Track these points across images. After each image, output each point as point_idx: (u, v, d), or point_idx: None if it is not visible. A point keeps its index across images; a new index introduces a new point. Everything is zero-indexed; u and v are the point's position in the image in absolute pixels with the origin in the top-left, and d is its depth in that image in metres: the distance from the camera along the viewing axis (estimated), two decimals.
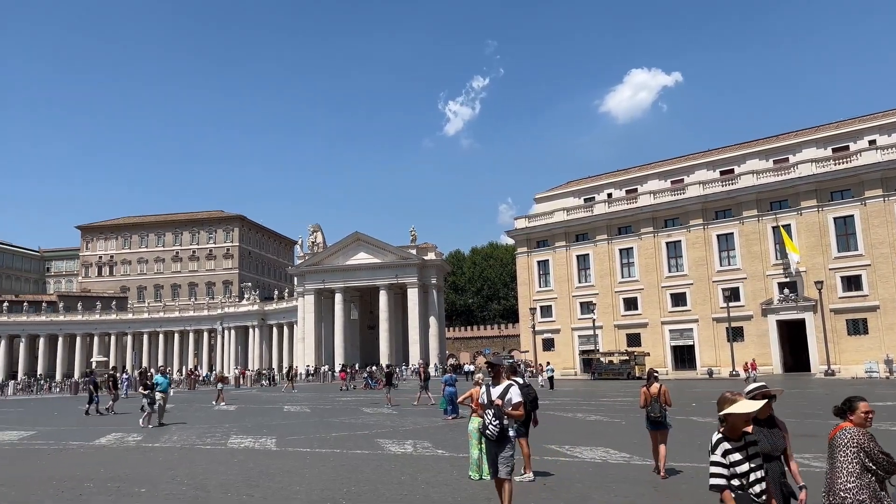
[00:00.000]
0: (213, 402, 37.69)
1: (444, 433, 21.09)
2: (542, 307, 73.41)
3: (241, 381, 71.03)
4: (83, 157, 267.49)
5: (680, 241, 65.63)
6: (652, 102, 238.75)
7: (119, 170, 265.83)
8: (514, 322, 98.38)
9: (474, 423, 12.36)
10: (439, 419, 25.69)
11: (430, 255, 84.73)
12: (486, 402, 8.89)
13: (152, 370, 66.07)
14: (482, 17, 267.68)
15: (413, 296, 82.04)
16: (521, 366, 48.82)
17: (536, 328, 71.27)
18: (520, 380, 18.66)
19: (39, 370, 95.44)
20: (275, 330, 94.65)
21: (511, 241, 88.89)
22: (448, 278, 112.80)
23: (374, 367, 65.27)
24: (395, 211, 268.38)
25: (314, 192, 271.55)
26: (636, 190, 72.62)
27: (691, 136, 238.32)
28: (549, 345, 72.77)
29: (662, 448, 12.58)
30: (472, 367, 75.91)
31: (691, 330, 64.43)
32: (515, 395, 8.81)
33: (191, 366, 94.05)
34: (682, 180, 69.63)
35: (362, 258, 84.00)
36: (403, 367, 74.25)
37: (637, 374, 55.60)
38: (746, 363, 54.68)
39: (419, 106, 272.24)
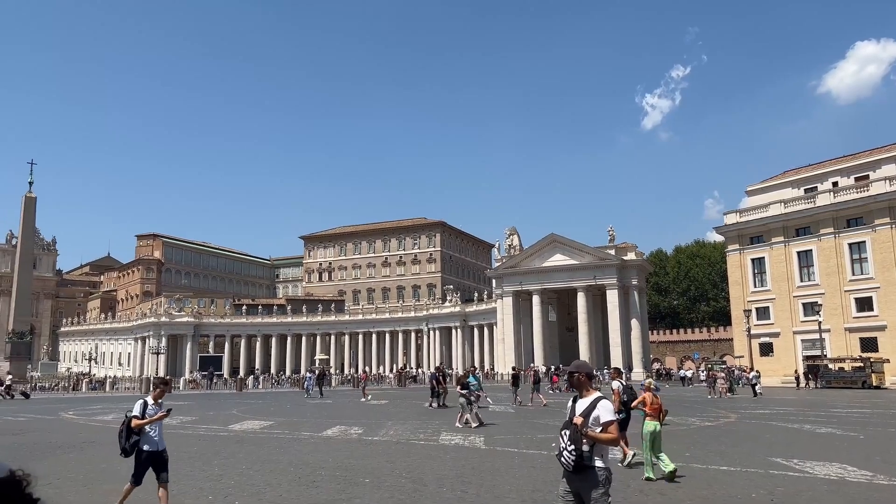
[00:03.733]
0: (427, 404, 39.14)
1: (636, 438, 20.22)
2: (757, 309, 67.77)
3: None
4: (304, 175, 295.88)
5: None
6: (883, 77, 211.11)
7: (335, 184, 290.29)
8: (726, 325, 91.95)
9: (648, 426, 13.61)
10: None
11: (630, 256, 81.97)
12: (567, 420, 6.79)
13: (452, 369, 64.50)
14: (681, 4, 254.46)
15: (612, 297, 79.89)
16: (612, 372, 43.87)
17: (752, 332, 65.88)
18: (616, 384, 17.73)
19: (272, 367, 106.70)
20: (475, 331, 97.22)
21: (720, 238, 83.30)
22: (650, 279, 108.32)
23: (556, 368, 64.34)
24: (591, 211, 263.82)
25: (510, 196, 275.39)
26: (867, 177, 64.45)
27: None
28: (766, 350, 66.99)
29: None
30: (688, 373, 72.25)
31: None
32: (605, 412, 6.53)
33: (400, 364, 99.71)
34: None
35: (558, 260, 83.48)
36: (605, 370, 72.47)
37: (874, 384, 49.28)
38: None
39: (614, 101, 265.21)
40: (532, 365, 73.75)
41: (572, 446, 6.47)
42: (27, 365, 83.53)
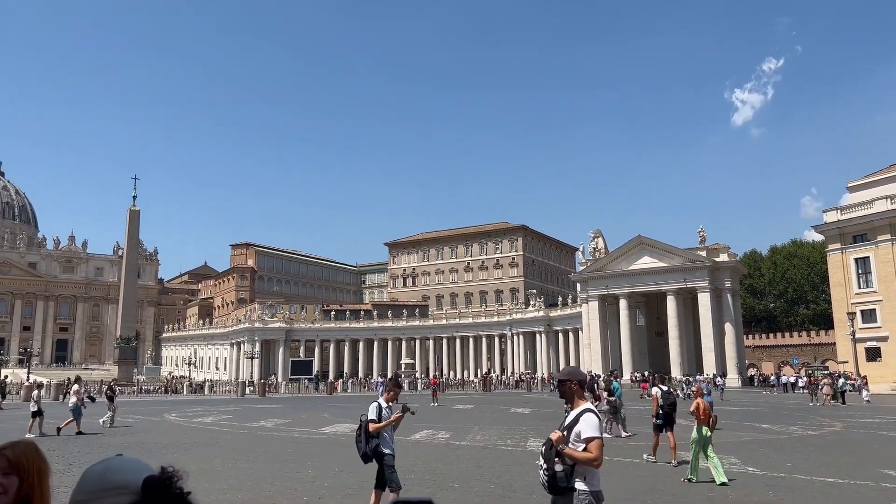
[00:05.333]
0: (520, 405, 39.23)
1: (753, 448, 19.39)
2: (862, 311, 63.79)
3: (533, 386, 73.19)
4: (388, 182, 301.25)
5: None
6: None
7: (419, 191, 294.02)
8: (828, 328, 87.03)
9: (698, 431, 13.94)
10: (746, 433, 23.69)
11: (723, 257, 78.83)
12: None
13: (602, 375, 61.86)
14: None
15: (704, 300, 77.02)
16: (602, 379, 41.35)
17: (857, 335, 62.04)
18: (655, 390, 17.32)
19: (360, 370, 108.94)
20: (560, 336, 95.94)
21: (819, 238, 79.07)
22: (744, 281, 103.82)
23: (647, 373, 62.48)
24: (679, 211, 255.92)
25: (594, 198, 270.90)
26: None
27: None
28: (873, 354, 62.93)
29: None
30: (791, 379, 68.94)
31: None
32: (588, 428, 5.70)
33: (484, 369, 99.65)
34: None
35: (646, 262, 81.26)
36: (698, 376, 69.98)
37: None
38: None
39: (702, 97, 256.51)
40: (588, 371, 72.91)
41: (545, 465, 5.82)
42: (133, 369, 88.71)
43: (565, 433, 5.78)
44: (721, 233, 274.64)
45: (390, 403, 9.86)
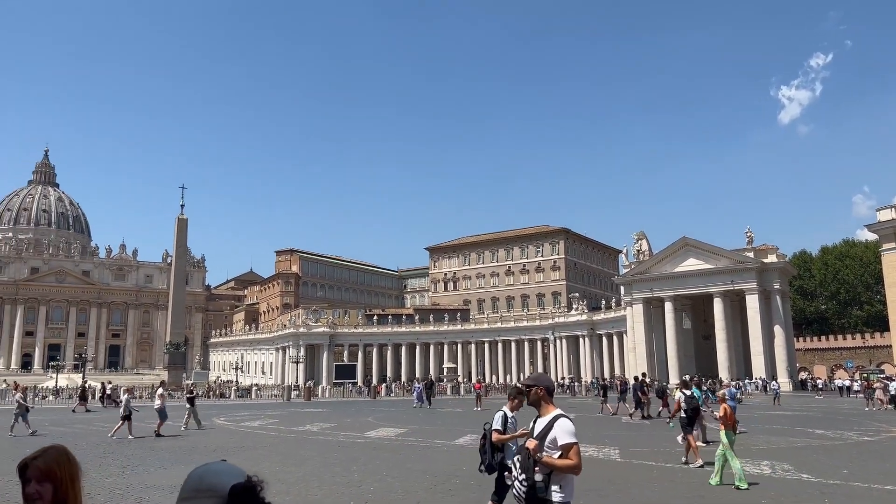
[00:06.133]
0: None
1: (807, 454, 18.86)
2: None
3: (576, 390, 72.50)
4: (428, 187, 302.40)
5: None
6: None
7: (459, 195, 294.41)
8: (884, 330, 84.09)
9: (723, 436, 14.01)
10: (799, 439, 23.05)
11: (771, 258, 76.93)
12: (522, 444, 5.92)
13: (674, 381, 60.31)
14: None
15: (752, 303, 75.25)
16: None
17: None
18: (678, 395, 16.99)
19: (403, 375, 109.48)
20: (604, 339, 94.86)
21: (872, 237, 76.50)
22: (794, 282, 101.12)
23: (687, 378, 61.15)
24: (725, 212, 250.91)
25: (636, 199, 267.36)
26: None
27: None
28: None
29: None
30: (845, 382, 66.97)
31: None
32: (563, 434, 5.51)
33: (527, 374, 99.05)
34: None
35: (691, 264, 79.79)
36: (747, 381, 68.40)
37: None
38: None
39: (747, 95, 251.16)
40: (617, 375, 73.66)
41: (523, 475, 5.60)
42: (182, 373, 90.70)
43: (539, 441, 5.60)
44: (769, 233, 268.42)
45: (515, 412, 9.34)
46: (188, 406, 30.96)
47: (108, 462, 18.67)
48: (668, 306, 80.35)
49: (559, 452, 5.45)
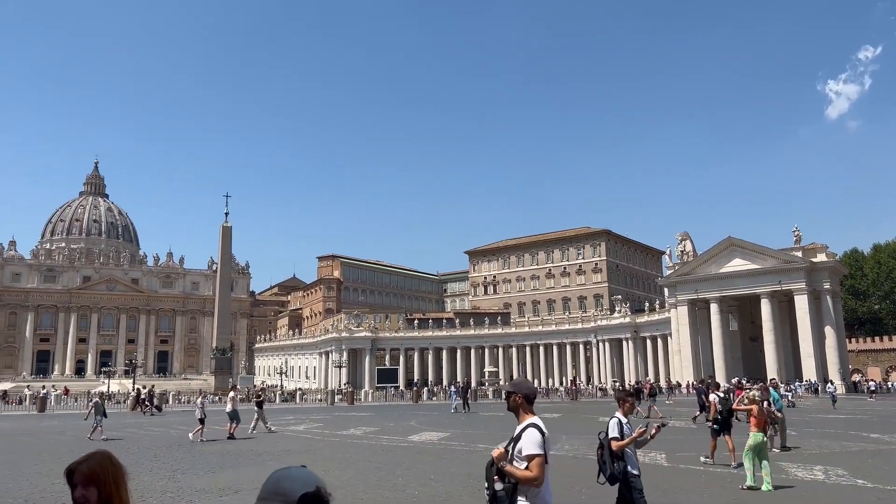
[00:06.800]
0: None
1: (862, 459, 18.27)
2: None
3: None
4: (467, 190, 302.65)
5: None
6: None
7: (497, 198, 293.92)
8: None
9: (753, 438, 14.00)
10: (854, 443, 22.32)
11: (820, 257, 74.80)
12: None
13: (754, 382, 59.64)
14: None
15: (801, 303, 73.27)
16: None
17: None
18: (713, 397, 16.70)
19: (444, 378, 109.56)
20: (648, 342, 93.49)
21: None
22: (845, 282, 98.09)
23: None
24: (771, 211, 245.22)
25: (679, 199, 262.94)
26: None
27: None
28: None
29: None
30: None
31: None
32: (528, 444, 5.42)
33: (570, 377, 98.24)
34: None
35: (737, 265, 78.10)
36: (797, 384, 66.56)
37: None
38: None
39: (792, 90, 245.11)
40: (647, 379, 74.10)
41: (486, 484, 5.54)
42: (228, 378, 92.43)
43: (511, 449, 5.52)
44: (818, 232, 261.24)
45: (628, 416, 8.92)
46: (256, 409, 31.78)
47: (158, 466, 19.14)
48: (714, 308, 78.82)
49: (525, 463, 5.35)
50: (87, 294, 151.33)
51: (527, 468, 5.32)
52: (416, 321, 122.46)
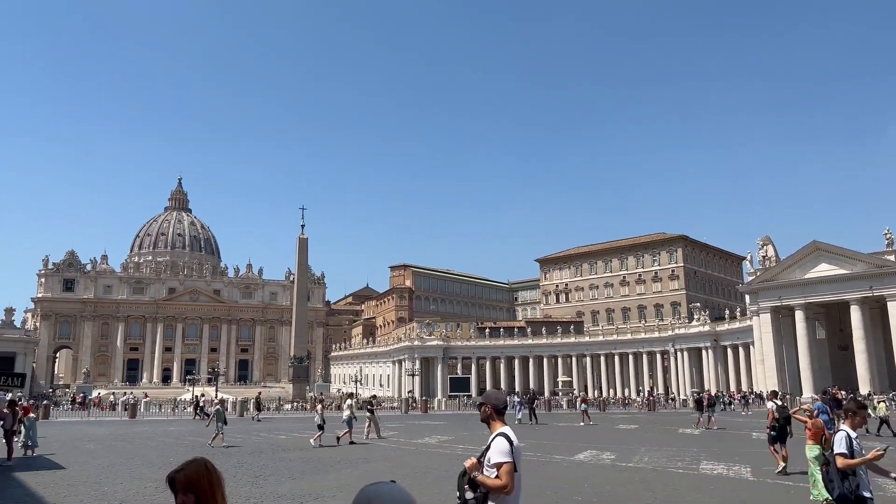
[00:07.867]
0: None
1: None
2: None
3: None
4: (537, 198, 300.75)
5: None
6: None
7: (568, 204, 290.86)
8: None
9: (809, 451, 13.70)
10: None
11: None
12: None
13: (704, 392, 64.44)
14: None
15: (895, 310, 69.20)
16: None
17: None
18: (770, 404, 15.79)
19: (516, 387, 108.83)
20: (728, 351, 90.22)
21: None
22: None
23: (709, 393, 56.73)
24: (859, 213, 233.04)
25: (759, 203, 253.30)
26: None
27: None
28: None
29: None
30: None
31: None
32: (496, 453, 5.55)
33: (646, 387, 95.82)
34: None
35: (824, 270, 74.44)
36: (892, 394, 62.81)
37: None
38: None
39: (880, 84, 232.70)
40: (707, 389, 73.64)
41: (458, 493, 5.67)
42: (306, 386, 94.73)
43: (483, 458, 5.63)
44: None
45: (857, 430, 8.15)
46: (369, 416, 32.90)
47: (242, 472, 19.80)
48: (799, 315, 75.39)
49: (494, 472, 5.48)
50: (173, 305, 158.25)
51: (497, 476, 5.46)
52: (487, 330, 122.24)
